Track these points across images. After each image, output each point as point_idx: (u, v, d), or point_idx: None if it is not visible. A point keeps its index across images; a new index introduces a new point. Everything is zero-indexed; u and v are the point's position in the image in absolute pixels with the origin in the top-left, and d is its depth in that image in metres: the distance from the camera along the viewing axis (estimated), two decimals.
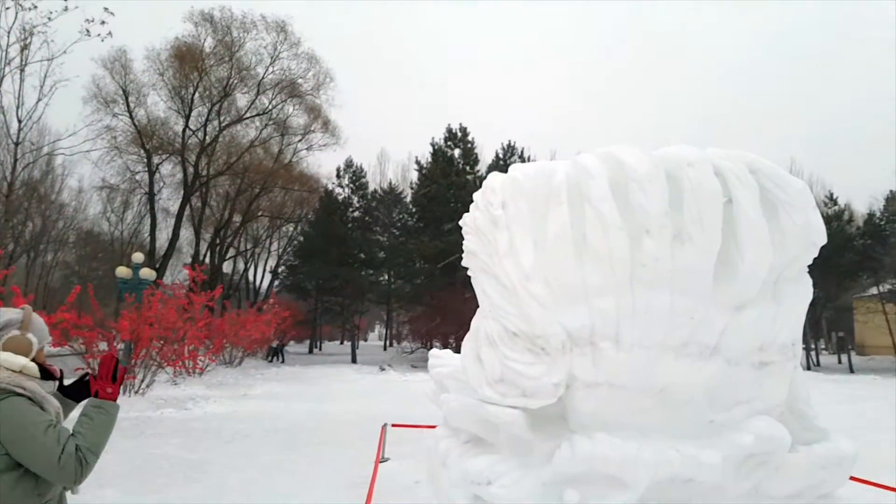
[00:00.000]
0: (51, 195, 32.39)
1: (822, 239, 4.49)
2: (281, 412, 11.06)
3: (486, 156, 35.41)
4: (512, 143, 36.13)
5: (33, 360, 2.07)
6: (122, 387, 2.73)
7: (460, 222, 5.75)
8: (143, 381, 11.62)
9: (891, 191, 33.03)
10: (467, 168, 33.06)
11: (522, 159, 36.04)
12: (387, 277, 37.57)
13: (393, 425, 7.28)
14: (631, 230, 4.62)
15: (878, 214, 30.90)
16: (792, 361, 4.55)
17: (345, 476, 6.34)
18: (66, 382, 2.24)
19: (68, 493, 2.17)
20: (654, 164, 4.66)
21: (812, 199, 4.57)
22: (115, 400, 2.12)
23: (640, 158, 4.70)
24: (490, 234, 5.21)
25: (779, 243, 4.38)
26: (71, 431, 1.96)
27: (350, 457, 7.27)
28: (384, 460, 7.02)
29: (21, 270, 31.69)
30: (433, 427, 7.47)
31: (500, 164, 35.43)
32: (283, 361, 25.65)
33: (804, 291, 4.72)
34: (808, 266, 4.72)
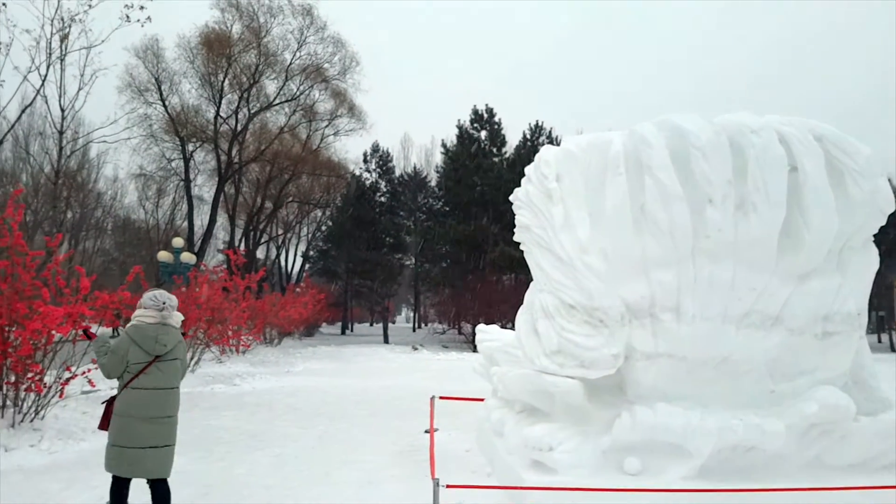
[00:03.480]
0: (88, 184, 33.27)
1: (891, 206, 4.42)
2: (326, 387, 11.35)
3: (512, 137, 35.18)
4: (540, 124, 35.78)
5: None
6: None
7: (511, 197, 5.81)
8: (191, 359, 12.01)
9: None
10: (494, 150, 32.86)
11: (550, 140, 35.69)
12: (414, 261, 37.81)
13: (440, 398, 7.43)
14: (693, 200, 4.62)
15: None
16: (857, 332, 4.53)
17: (396, 445, 6.53)
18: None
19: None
20: (717, 132, 4.64)
21: (880, 167, 4.50)
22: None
23: (701, 126, 4.68)
24: (544, 207, 5.26)
25: (845, 211, 4.34)
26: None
27: (398, 427, 7.46)
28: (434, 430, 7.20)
29: (72, 257, 32.77)
30: (477, 400, 7.65)
31: (528, 146, 35.13)
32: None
33: (870, 260, 4.67)
34: None
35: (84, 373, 6.11)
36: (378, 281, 34.22)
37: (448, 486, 3.51)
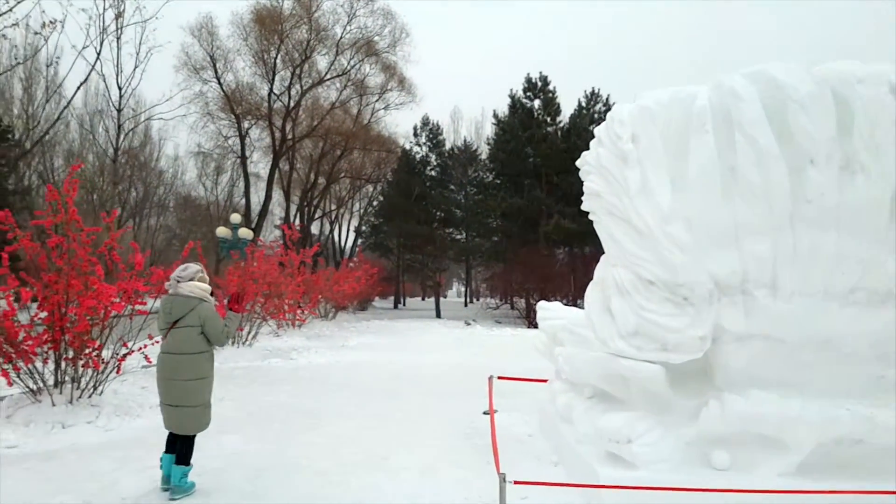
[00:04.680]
0: (150, 163, 34.44)
1: None
2: (380, 362, 11.25)
3: (566, 107, 33.92)
4: (596, 91, 34.38)
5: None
6: (236, 330, 4.88)
7: (578, 162, 5.28)
8: (249, 332, 12.16)
9: None
10: (548, 119, 31.79)
11: (607, 108, 34.27)
12: (465, 235, 37.46)
13: (499, 377, 7.10)
14: (791, 160, 4.00)
15: None
16: None
17: (454, 426, 6.27)
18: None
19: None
20: (818, 83, 3.99)
21: None
22: (238, 312, 4.44)
23: (799, 76, 4.03)
24: (618, 171, 4.72)
25: None
26: (224, 322, 4.20)
27: (454, 407, 7.21)
28: (489, 412, 6.90)
29: (129, 233, 34.23)
30: (538, 381, 7.29)
31: (583, 114, 33.86)
32: None
33: None
34: None
35: (140, 349, 6.10)
36: (429, 255, 34.15)
37: (516, 483, 3.16)
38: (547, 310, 6.46)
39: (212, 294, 4.29)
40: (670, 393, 4.32)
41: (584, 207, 5.03)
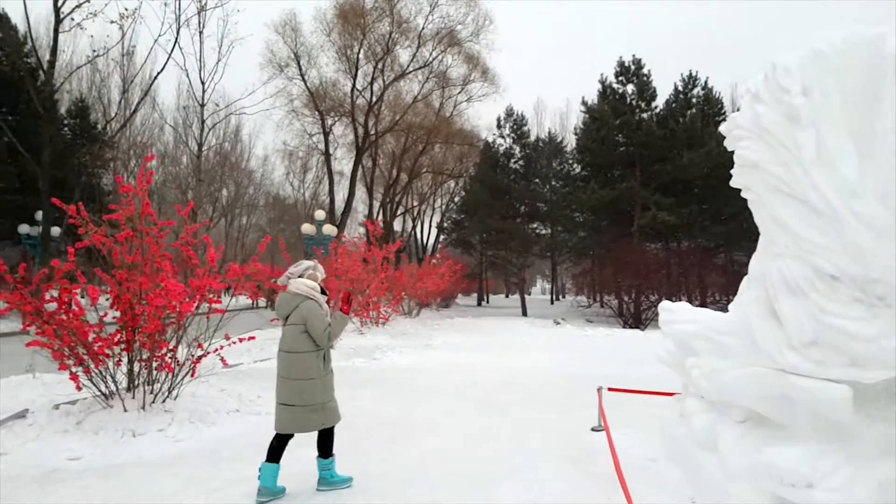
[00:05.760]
0: (241, 163, 35.80)
1: None
2: (468, 365, 10.52)
3: (661, 92, 31.65)
4: (693, 74, 31.89)
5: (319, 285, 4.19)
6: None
7: (724, 127, 4.22)
8: None
9: None
10: (642, 105, 29.74)
11: (706, 90, 31.71)
12: (549, 230, 36.06)
13: (608, 389, 6.15)
14: None
15: None
16: None
17: (561, 444, 5.40)
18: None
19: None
20: None
21: None
22: (346, 314, 4.20)
23: None
24: (786, 134, 3.60)
25: None
26: (329, 322, 4.01)
27: (557, 420, 6.34)
28: (601, 429, 5.97)
29: (220, 232, 35.81)
30: (655, 393, 6.24)
31: (680, 99, 31.52)
32: None
33: None
34: None
35: (216, 350, 5.70)
36: (513, 251, 33.12)
37: None
38: (672, 312, 5.39)
39: (323, 292, 4.13)
40: (856, 419, 3.24)
41: (734, 183, 3.97)
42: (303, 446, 4.22)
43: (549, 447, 5.28)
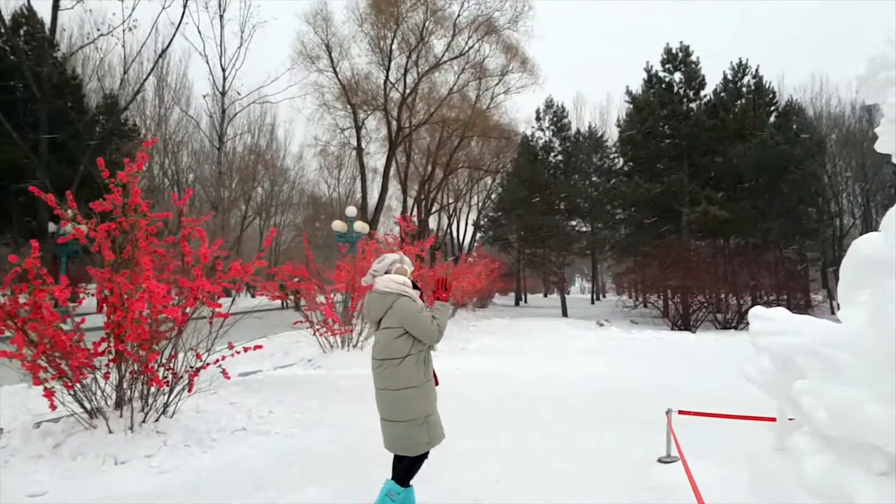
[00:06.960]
0: (276, 161, 35.60)
1: None
2: (506, 372, 9.60)
3: (710, 81, 29.91)
4: (743, 61, 30.06)
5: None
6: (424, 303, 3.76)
7: (862, 71, 3.23)
8: (360, 333, 11.07)
9: None
10: (690, 94, 28.12)
11: (757, 79, 29.83)
12: (590, 227, 34.63)
13: (680, 412, 5.15)
14: None
15: None
16: None
17: (622, 479, 4.47)
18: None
19: None
20: None
21: None
22: (446, 301, 3.77)
23: None
24: None
25: None
26: (432, 315, 3.56)
27: (613, 445, 5.39)
28: (670, 460, 5.00)
29: (255, 232, 35.74)
30: (753, 419, 5.09)
31: (730, 87, 29.72)
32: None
33: None
34: None
35: (216, 361, 4.96)
36: (552, 249, 31.90)
37: None
38: (766, 319, 4.34)
39: (415, 286, 3.63)
40: None
41: (880, 146, 2.98)
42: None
43: (606, 484, 4.35)
